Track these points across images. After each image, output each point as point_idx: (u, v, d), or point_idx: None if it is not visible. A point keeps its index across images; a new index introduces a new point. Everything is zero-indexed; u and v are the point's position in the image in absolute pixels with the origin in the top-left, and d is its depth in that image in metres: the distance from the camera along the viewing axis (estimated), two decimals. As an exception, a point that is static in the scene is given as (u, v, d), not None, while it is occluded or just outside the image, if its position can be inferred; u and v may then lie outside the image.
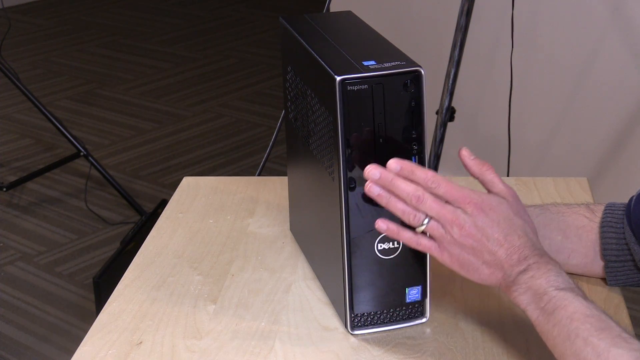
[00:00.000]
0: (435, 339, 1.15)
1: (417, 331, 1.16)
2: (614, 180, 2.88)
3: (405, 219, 1.07)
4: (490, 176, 1.11)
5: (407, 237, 1.08)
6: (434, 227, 1.07)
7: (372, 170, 1.06)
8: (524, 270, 1.04)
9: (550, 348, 1.00)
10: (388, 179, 1.06)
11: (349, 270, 1.13)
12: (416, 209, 1.07)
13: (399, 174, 1.07)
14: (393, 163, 1.07)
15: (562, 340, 0.98)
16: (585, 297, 1.01)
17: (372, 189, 1.07)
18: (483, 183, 1.12)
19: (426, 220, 1.07)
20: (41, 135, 4.03)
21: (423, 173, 1.06)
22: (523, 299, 1.03)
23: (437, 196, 1.07)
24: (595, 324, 0.97)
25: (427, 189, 1.07)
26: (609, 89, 2.82)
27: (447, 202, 1.07)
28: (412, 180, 1.07)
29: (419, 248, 1.09)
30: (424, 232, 1.08)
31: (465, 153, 1.11)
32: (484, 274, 1.07)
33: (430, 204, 1.06)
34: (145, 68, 4.88)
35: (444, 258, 1.08)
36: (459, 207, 1.06)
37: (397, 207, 1.07)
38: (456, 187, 1.07)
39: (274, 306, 1.23)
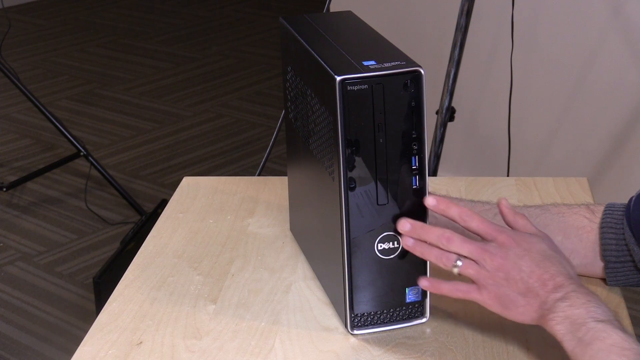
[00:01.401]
0: (435, 339, 1.15)
1: (417, 331, 1.16)
2: (614, 180, 2.88)
3: (441, 264, 1.09)
4: (523, 221, 1.13)
5: (447, 289, 1.09)
6: (468, 265, 1.08)
7: (403, 224, 1.09)
8: (562, 298, 1.03)
9: None
10: (418, 228, 1.09)
11: (349, 270, 1.12)
12: (448, 250, 1.08)
13: (435, 209, 1.10)
14: (430, 200, 1.09)
15: None
16: (624, 330, 0.99)
17: (406, 241, 1.10)
18: (516, 228, 1.13)
19: (459, 262, 1.08)
20: (41, 135, 4.03)
21: (457, 208, 1.09)
22: (560, 329, 1.01)
23: (470, 231, 1.10)
24: (631, 356, 0.96)
25: (460, 222, 1.09)
26: (609, 89, 2.82)
27: (482, 239, 1.09)
28: (447, 216, 1.10)
29: (461, 296, 1.09)
30: (462, 277, 1.09)
31: (504, 203, 1.14)
32: (520, 306, 1.06)
33: (460, 243, 1.07)
34: (145, 68, 4.88)
35: (484, 297, 1.07)
36: (491, 241, 1.08)
37: (431, 254, 1.09)
38: (489, 221, 1.09)
39: (274, 306, 1.23)
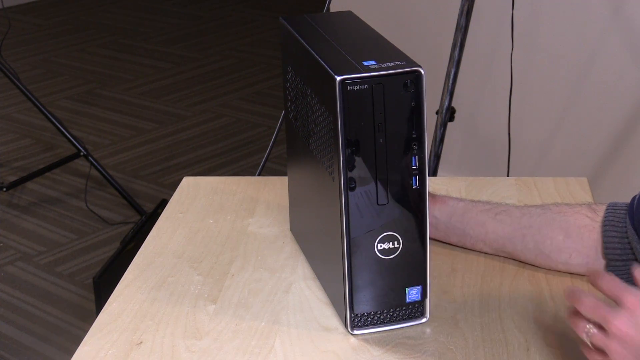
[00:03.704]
0: (435, 339, 1.15)
1: (417, 331, 1.16)
2: (614, 180, 2.88)
3: (578, 333, 1.00)
4: None
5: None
6: (597, 336, 0.98)
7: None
8: None
9: None
10: (573, 295, 1.00)
11: (349, 270, 1.12)
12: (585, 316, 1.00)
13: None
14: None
15: None
16: None
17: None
18: None
19: (591, 330, 0.98)
20: (41, 135, 4.03)
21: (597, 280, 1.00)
22: None
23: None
24: None
25: (591, 282, 1.01)
26: (609, 89, 2.82)
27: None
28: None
29: None
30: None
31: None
32: None
33: (589, 309, 0.98)
34: (145, 68, 4.88)
35: None
36: (619, 304, 0.98)
37: (574, 323, 1.00)
38: (616, 281, 0.99)
39: (274, 306, 1.23)
